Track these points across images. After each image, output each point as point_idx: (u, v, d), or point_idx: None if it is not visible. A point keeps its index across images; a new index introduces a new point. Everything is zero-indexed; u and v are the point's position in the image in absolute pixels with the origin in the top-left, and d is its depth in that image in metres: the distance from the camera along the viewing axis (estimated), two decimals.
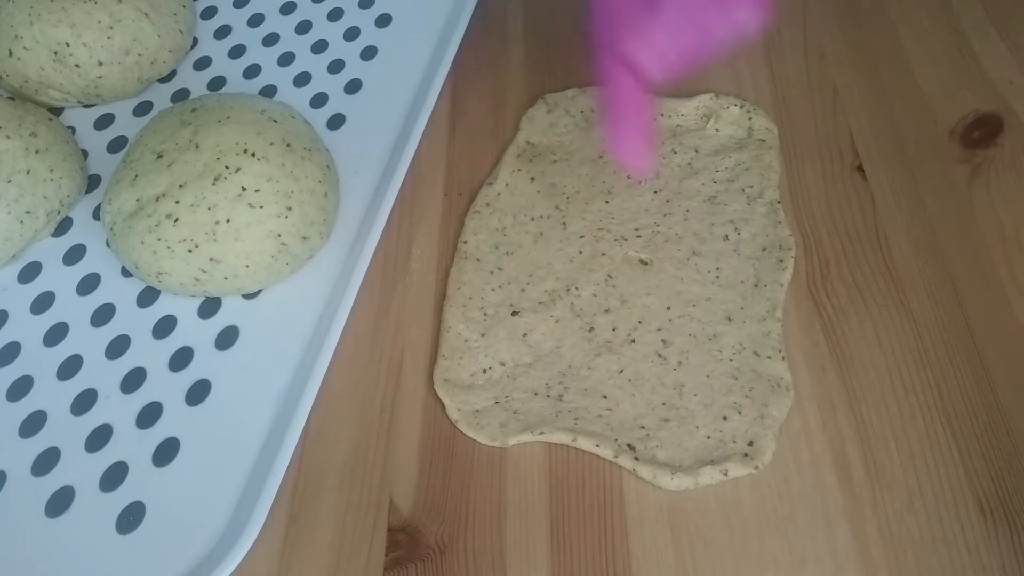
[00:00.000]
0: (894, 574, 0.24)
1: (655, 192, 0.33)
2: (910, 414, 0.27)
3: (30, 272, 0.33)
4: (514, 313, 0.30)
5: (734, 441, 0.27)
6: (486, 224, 0.33)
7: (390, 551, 0.26)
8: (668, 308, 0.30)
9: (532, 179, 0.34)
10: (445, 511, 0.27)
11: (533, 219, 0.33)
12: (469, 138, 0.36)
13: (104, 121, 0.38)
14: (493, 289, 0.31)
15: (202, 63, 0.40)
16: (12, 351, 0.31)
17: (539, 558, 0.26)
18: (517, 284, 0.31)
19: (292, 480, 0.28)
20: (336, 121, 0.37)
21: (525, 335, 0.30)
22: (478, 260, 0.32)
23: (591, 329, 0.30)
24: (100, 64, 0.36)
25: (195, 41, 0.40)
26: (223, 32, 0.41)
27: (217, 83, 0.39)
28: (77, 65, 0.36)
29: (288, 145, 0.31)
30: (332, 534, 0.27)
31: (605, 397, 0.28)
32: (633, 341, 0.29)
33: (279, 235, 0.30)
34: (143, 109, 0.38)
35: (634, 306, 0.30)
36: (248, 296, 0.32)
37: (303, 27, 0.41)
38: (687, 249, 0.31)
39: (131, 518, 0.27)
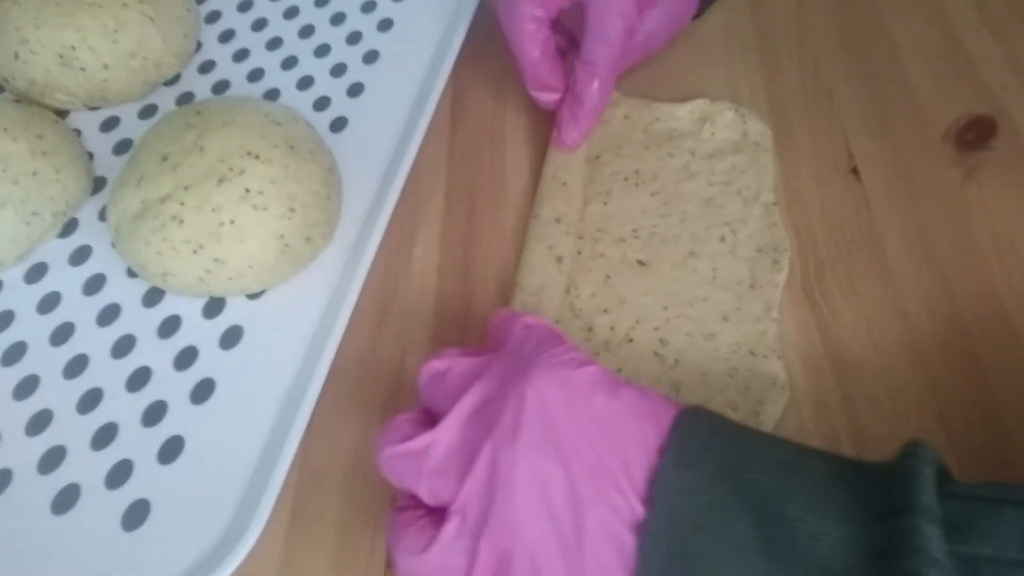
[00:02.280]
0: None
1: (652, 194, 0.33)
2: (904, 413, 0.28)
3: (36, 272, 0.33)
4: None
5: None
6: None
7: None
8: (665, 308, 0.30)
9: None
10: None
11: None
12: (469, 141, 0.37)
13: (110, 124, 0.38)
14: None
15: (206, 67, 0.40)
16: (19, 350, 0.31)
17: None
18: (515, 284, 0.32)
19: (295, 477, 0.28)
20: (339, 124, 0.37)
21: None
22: None
23: (590, 329, 0.30)
24: (105, 67, 0.36)
25: (199, 45, 0.41)
26: (227, 36, 0.41)
27: (221, 86, 0.39)
28: (83, 68, 0.36)
29: (291, 148, 0.31)
30: (335, 530, 0.27)
31: None
32: (631, 340, 0.30)
33: (282, 236, 0.30)
34: (148, 112, 0.38)
35: (632, 306, 0.30)
36: (252, 296, 0.32)
37: (306, 31, 0.41)
38: (684, 250, 0.32)
39: (136, 515, 0.27)
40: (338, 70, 0.39)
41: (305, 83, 0.39)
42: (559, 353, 0.22)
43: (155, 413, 0.29)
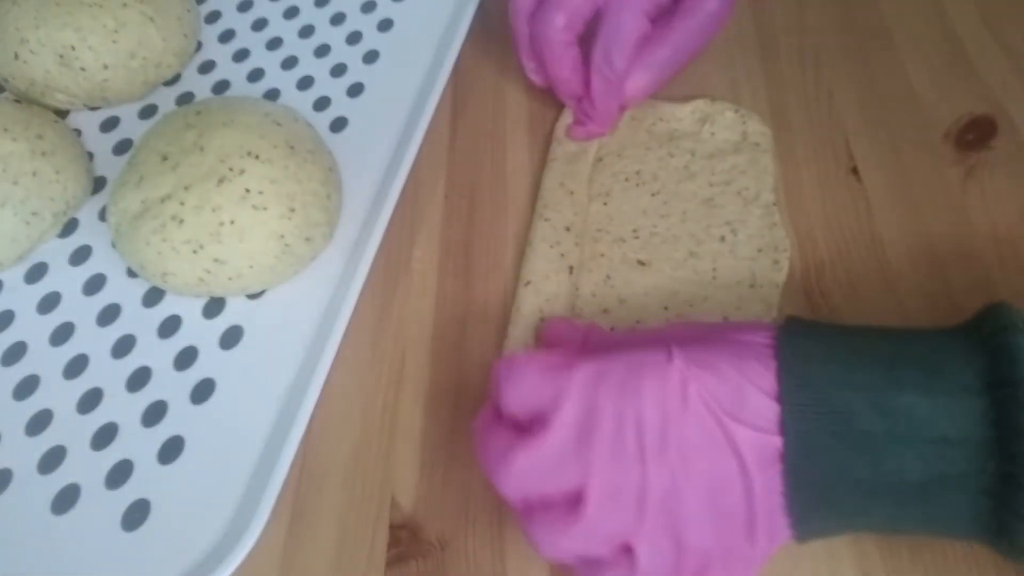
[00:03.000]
0: (889, 571, 0.25)
1: (653, 194, 0.33)
2: None
3: (36, 272, 0.33)
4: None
5: None
6: None
7: (392, 547, 0.27)
8: (665, 308, 0.30)
9: None
10: (446, 508, 0.27)
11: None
12: (469, 141, 0.37)
13: (110, 124, 0.38)
14: None
15: (206, 67, 0.40)
16: (19, 350, 0.31)
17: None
18: (519, 283, 0.32)
19: (295, 477, 0.28)
20: (339, 124, 0.37)
21: None
22: None
23: None
24: (105, 67, 0.36)
25: (199, 45, 0.41)
26: (227, 36, 0.41)
27: (221, 86, 0.39)
28: (83, 68, 0.36)
29: (291, 148, 0.31)
30: (335, 531, 0.27)
31: None
32: None
33: (282, 236, 0.30)
34: (148, 112, 0.38)
35: (632, 306, 0.30)
36: (252, 296, 0.32)
37: (306, 31, 0.41)
38: (684, 250, 0.32)
39: (136, 515, 0.27)
40: (338, 70, 0.39)
41: (305, 83, 0.39)
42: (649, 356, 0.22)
43: (155, 413, 0.29)
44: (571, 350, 0.25)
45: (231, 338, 0.31)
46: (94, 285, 0.33)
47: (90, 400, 0.30)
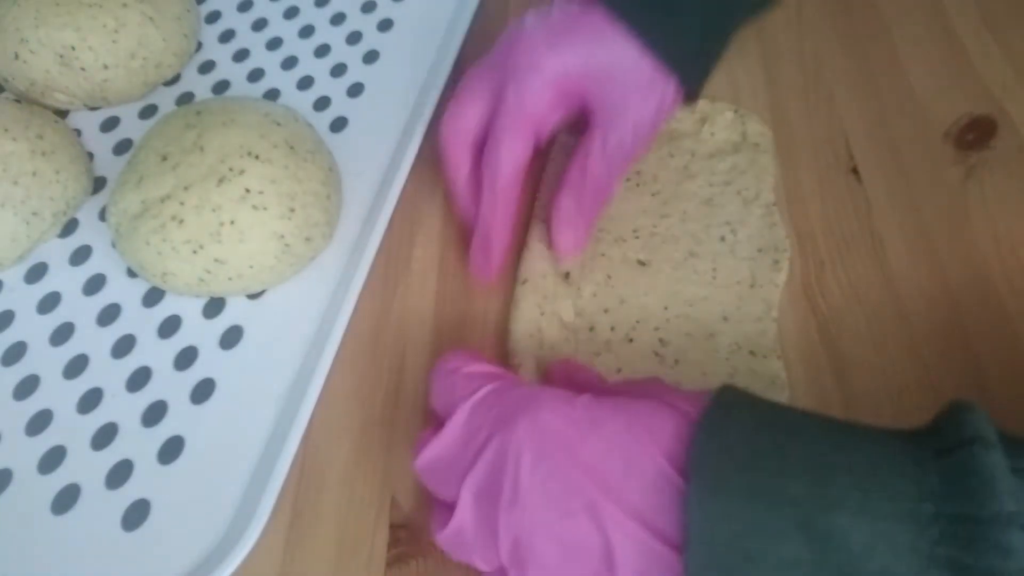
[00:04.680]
0: None
1: (653, 194, 0.33)
2: (905, 414, 0.28)
3: (36, 272, 0.33)
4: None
5: None
6: None
7: (392, 547, 0.27)
8: (666, 308, 0.30)
9: None
10: None
11: None
12: None
13: (110, 124, 0.38)
14: None
15: (206, 67, 0.40)
16: (19, 350, 0.31)
17: None
18: (516, 282, 0.32)
19: (295, 477, 0.28)
20: (339, 124, 0.37)
21: None
22: None
23: (591, 328, 0.30)
24: (106, 67, 0.36)
25: (199, 45, 0.41)
26: (227, 36, 0.41)
27: (221, 86, 0.39)
28: (83, 68, 0.36)
29: (291, 148, 0.31)
30: (335, 530, 0.27)
31: None
32: (631, 340, 0.30)
33: (282, 236, 0.30)
34: (148, 112, 0.38)
35: (633, 306, 0.30)
36: (252, 296, 0.32)
37: (306, 31, 0.41)
38: (684, 250, 0.32)
39: (136, 515, 0.27)
40: (338, 70, 0.39)
41: (305, 83, 0.39)
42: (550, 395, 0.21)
43: (155, 413, 0.29)
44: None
45: (231, 338, 0.31)
46: (94, 285, 0.33)
47: (90, 400, 0.30)
